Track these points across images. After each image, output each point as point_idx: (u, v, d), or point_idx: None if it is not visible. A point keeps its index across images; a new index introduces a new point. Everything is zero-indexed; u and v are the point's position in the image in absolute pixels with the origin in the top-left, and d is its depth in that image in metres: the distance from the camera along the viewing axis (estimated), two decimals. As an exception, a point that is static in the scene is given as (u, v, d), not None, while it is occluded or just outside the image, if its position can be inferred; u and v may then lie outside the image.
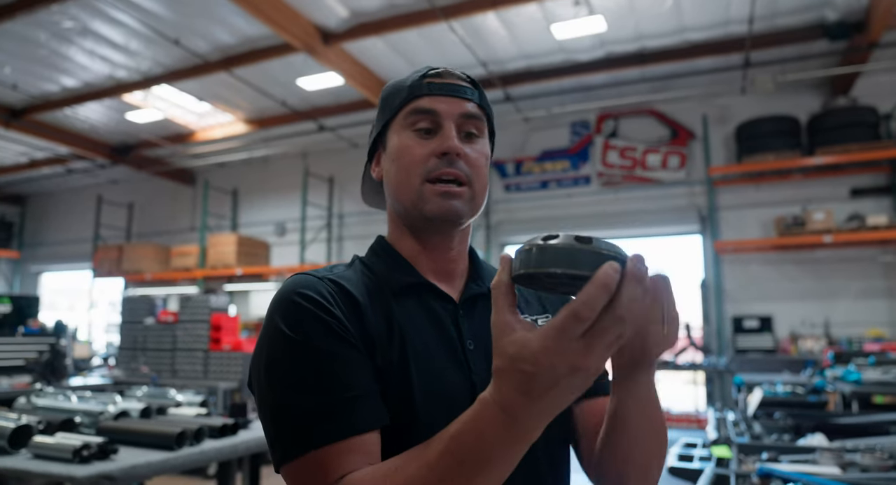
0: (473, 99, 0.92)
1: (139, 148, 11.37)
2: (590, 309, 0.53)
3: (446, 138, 0.88)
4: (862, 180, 8.05)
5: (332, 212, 11.09)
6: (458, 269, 0.97)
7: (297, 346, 0.77)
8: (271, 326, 0.80)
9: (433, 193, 0.87)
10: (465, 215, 0.90)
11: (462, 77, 0.94)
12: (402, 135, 0.91)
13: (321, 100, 9.34)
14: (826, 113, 7.87)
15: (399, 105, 0.92)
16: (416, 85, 0.91)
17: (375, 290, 0.88)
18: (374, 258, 0.96)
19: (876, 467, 1.99)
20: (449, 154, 0.87)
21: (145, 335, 6.02)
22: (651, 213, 9.01)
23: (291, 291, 0.82)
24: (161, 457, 2.02)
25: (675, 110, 9.03)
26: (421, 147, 0.89)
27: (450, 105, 0.90)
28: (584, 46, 7.77)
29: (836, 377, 4.18)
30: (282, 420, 0.75)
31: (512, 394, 0.59)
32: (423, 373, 0.82)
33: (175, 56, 7.94)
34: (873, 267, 7.86)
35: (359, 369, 0.77)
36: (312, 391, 0.74)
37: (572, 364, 0.55)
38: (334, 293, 0.83)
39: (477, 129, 0.92)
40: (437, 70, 0.92)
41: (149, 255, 11.41)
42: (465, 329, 0.89)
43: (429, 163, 0.88)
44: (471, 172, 0.89)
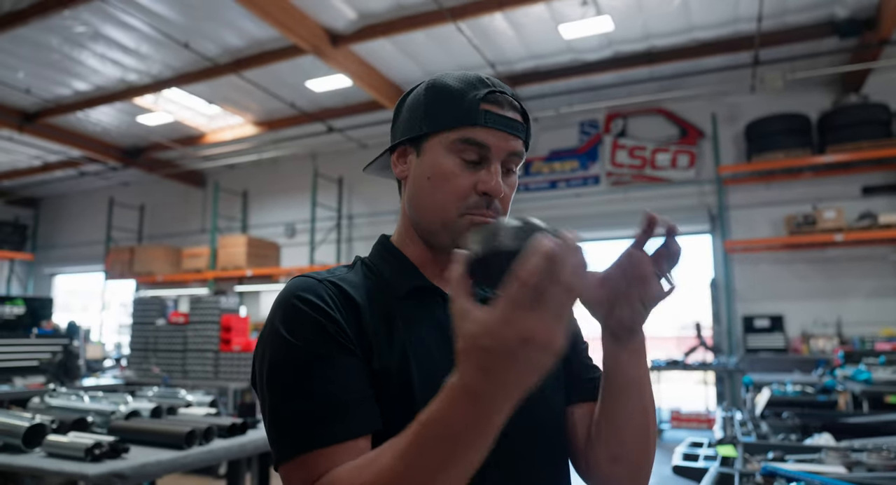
0: (521, 136, 0.91)
1: (150, 150, 11.48)
2: (531, 274, 0.56)
3: (491, 180, 0.87)
4: (874, 178, 7.98)
5: (342, 213, 11.13)
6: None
7: (295, 350, 0.78)
8: (272, 328, 0.82)
9: (469, 224, 0.87)
10: None
11: (517, 107, 0.91)
12: (446, 157, 0.88)
13: (330, 101, 9.39)
14: (837, 111, 7.81)
15: (451, 124, 0.88)
16: (474, 110, 0.87)
17: (377, 293, 0.89)
18: (379, 260, 0.96)
19: (882, 467, 1.98)
20: (492, 195, 0.87)
21: (156, 336, 6.07)
22: (660, 212, 8.57)
23: (291, 295, 0.83)
24: (171, 456, 2.05)
25: (683, 109, 8.99)
26: (464, 178, 0.87)
27: (502, 141, 0.88)
28: (591, 46, 7.76)
29: (846, 377, 4.16)
30: (279, 422, 0.78)
31: (472, 372, 0.60)
32: (425, 376, 0.83)
33: (185, 59, 8.01)
34: (885, 266, 7.79)
35: (354, 374, 0.79)
36: (308, 395, 0.76)
37: (523, 333, 0.57)
38: (334, 296, 0.84)
39: (516, 165, 0.93)
40: (496, 94, 0.88)
41: (160, 256, 11.51)
42: None
43: (469, 199, 0.87)
44: (501, 209, 0.90)
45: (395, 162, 0.97)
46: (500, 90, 0.89)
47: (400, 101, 0.99)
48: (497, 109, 0.88)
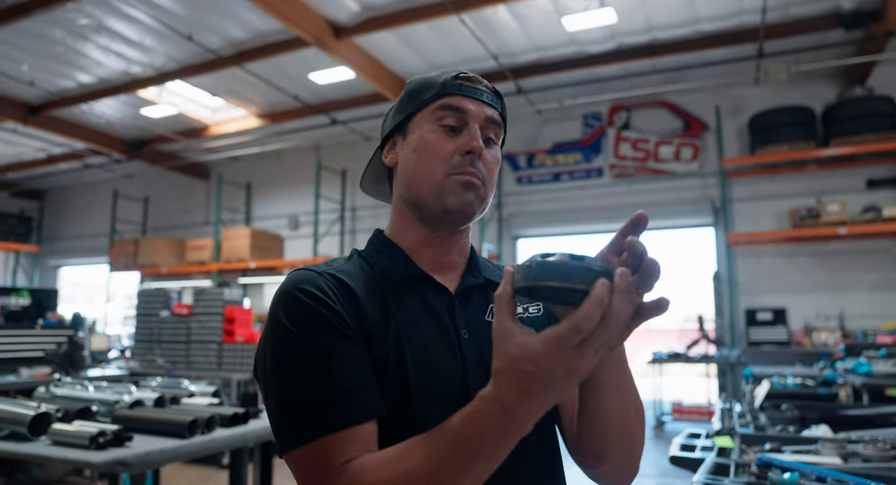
0: (496, 107, 0.97)
1: (154, 143, 11.51)
2: (589, 323, 0.60)
3: (472, 138, 0.92)
4: (878, 171, 7.95)
5: (345, 205, 11.15)
6: (457, 262, 1.00)
7: (299, 340, 0.81)
8: (275, 320, 0.84)
9: (456, 183, 0.91)
10: (477, 212, 0.95)
11: (489, 86, 0.98)
12: (427, 128, 0.94)
13: (333, 94, 9.39)
14: (841, 103, 7.78)
15: (429, 99, 0.95)
16: (449, 83, 0.95)
17: (373, 282, 0.91)
18: (373, 251, 0.99)
19: (878, 458, 1.99)
20: (473, 153, 0.92)
21: (160, 328, 6.11)
22: (664, 205, 8.96)
23: (293, 287, 0.85)
24: (174, 444, 2.07)
25: (687, 101, 8.97)
26: (447, 142, 0.92)
27: (477, 107, 0.94)
28: (595, 38, 7.74)
29: (846, 370, 4.17)
30: (284, 411, 0.80)
31: (511, 392, 0.65)
32: (418, 363, 0.85)
33: (188, 51, 8.02)
34: (889, 259, 7.78)
35: (356, 361, 0.81)
36: (312, 384, 0.79)
37: (568, 367, 0.62)
38: (334, 288, 0.86)
39: (495, 135, 0.97)
40: (468, 74, 0.96)
41: (164, 248, 11.56)
42: (460, 319, 0.93)
43: (453, 159, 0.92)
44: (486, 174, 0.94)
45: (385, 154, 1.02)
46: (469, 72, 0.97)
47: (387, 113, 1.07)
48: (469, 83, 0.96)
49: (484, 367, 0.85)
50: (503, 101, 1.00)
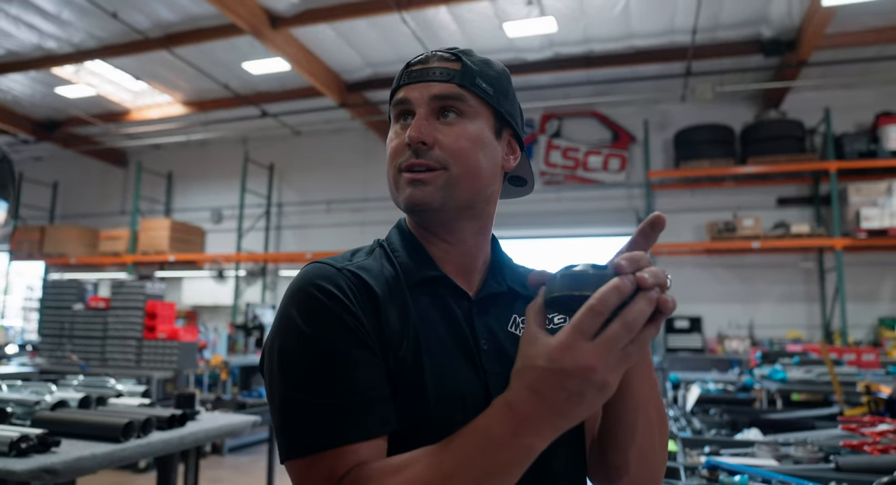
0: (451, 79, 0.86)
1: (67, 125, 10.79)
2: (602, 304, 0.57)
3: (410, 128, 0.85)
4: (788, 190, 8.50)
5: (272, 200, 10.85)
6: (476, 263, 0.93)
7: (312, 342, 0.76)
8: (287, 316, 0.79)
9: (405, 181, 0.85)
10: (439, 202, 0.85)
11: (447, 57, 0.88)
12: (392, 128, 0.90)
13: (265, 85, 9.11)
14: (758, 124, 8.25)
15: (391, 98, 0.92)
16: (399, 76, 0.90)
17: (395, 282, 0.85)
18: (398, 247, 0.91)
19: (807, 459, 2.13)
20: (411, 144, 0.84)
21: (73, 322, 5.72)
22: (591, 213, 9.22)
23: (309, 283, 0.79)
24: (107, 449, 1.90)
25: (617, 114, 9.26)
26: (398, 138, 0.87)
27: (421, 91, 0.86)
28: (533, 46, 7.87)
29: (763, 376, 4.41)
30: (291, 415, 0.74)
31: (520, 390, 0.62)
32: (436, 373, 0.80)
33: (112, 30, 7.57)
34: (795, 273, 8.32)
35: (372, 371, 0.76)
36: (324, 391, 0.74)
37: (581, 362, 0.58)
38: (353, 287, 0.80)
39: (458, 109, 0.86)
40: (422, 57, 0.90)
41: (74, 238, 10.85)
42: (479, 328, 0.87)
43: (403, 154, 0.85)
44: (446, 157, 0.84)
45: None
46: (432, 52, 0.90)
47: None
48: (420, 66, 0.89)
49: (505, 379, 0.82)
50: (471, 69, 0.87)
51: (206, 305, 10.91)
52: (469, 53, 0.91)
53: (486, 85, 0.88)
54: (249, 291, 10.71)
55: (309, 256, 9.57)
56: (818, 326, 8.10)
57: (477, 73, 0.88)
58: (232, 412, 3.71)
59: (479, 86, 0.87)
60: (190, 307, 10.89)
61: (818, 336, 7.96)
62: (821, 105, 8.00)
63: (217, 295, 10.78)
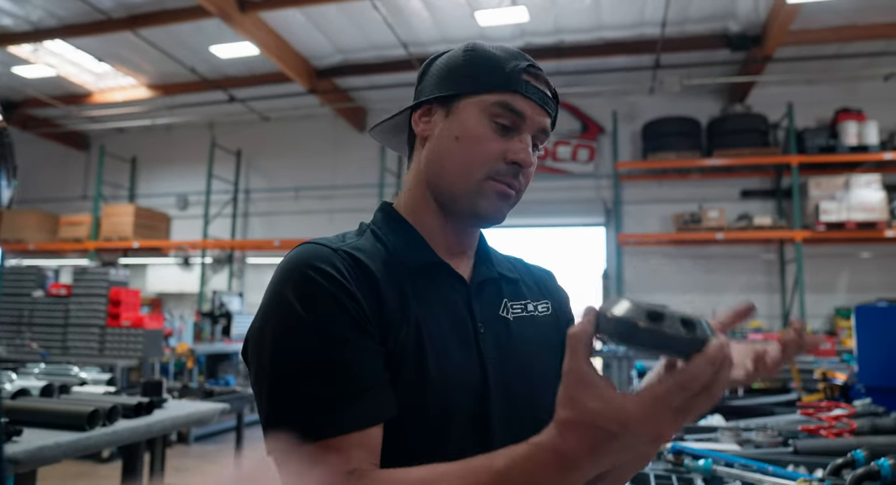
0: (552, 115, 0.91)
1: (25, 106, 10.44)
2: (698, 382, 0.53)
3: (523, 150, 0.86)
4: (751, 183, 8.68)
5: (239, 187, 10.69)
6: (469, 249, 0.96)
7: (308, 327, 0.74)
8: (281, 298, 0.77)
9: (493, 189, 0.87)
10: (505, 218, 0.92)
11: (551, 87, 0.91)
12: (479, 119, 0.86)
13: (233, 69, 8.95)
14: (724, 118, 8.40)
15: (491, 88, 0.87)
16: (515, 78, 0.86)
17: (390, 265, 0.85)
18: (387, 230, 0.91)
19: (767, 444, 2.22)
20: (523, 165, 0.87)
21: (32, 309, 5.58)
22: (559, 203, 9.29)
23: (305, 263, 0.78)
24: (71, 438, 1.86)
25: (586, 104, 9.33)
26: (495, 143, 0.86)
27: (536, 114, 0.88)
28: (504, 35, 7.87)
29: (725, 364, 4.52)
30: (282, 403, 0.73)
31: (580, 448, 0.58)
32: (437, 358, 0.80)
33: (72, 9, 7.34)
34: (757, 264, 8.53)
35: (370, 358, 0.75)
36: (319, 379, 0.72)
37: (658, 433, 0.56)
38: (351, 269, 0.80)
39: (542, 143, 0.92)
40: (536, 69, 0.89)
41: (32, 223, 10.55)
42: (477, 312, 0.88)
43: (497, 164, 0.86)
44: (525, 183, 0.90)
45: (416, 120, 0.93)
46: (537, 68, 0.90)
47: (428, 62, 0.97)
48: (535, 82, 0.88)
49: (501, 362, 0.81)
50: (558, 99, 0.92)
51: (171, 292, 10.73)
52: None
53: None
54: (216, 278, 10.56)
55: (277, 244, 9.47)
56: (779, 316, 8.33)
57: (558, 110, 0.93)
58: (199, 400, 3.67)
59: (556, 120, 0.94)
60: (155, 295, 10.70)
61: (779, 326, 8.18)
62: (784, 100, 8.16)
63: (183, 282, 10.60)
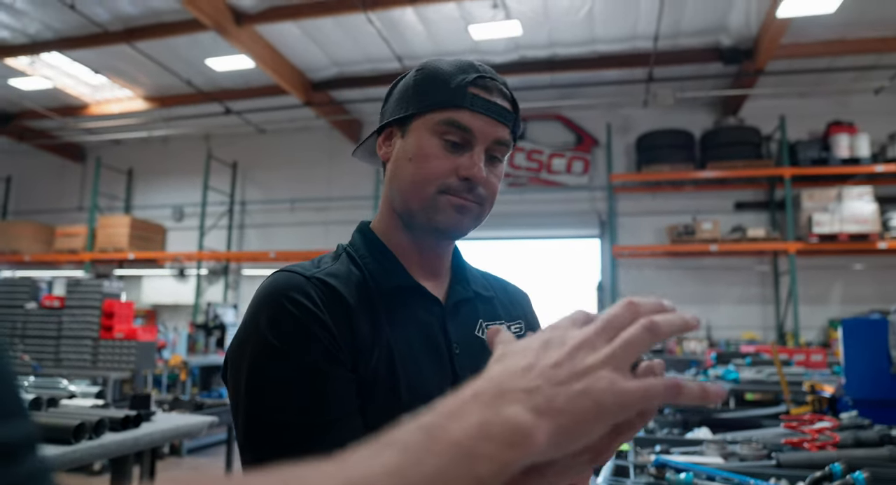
0: (509, 124, 0.89)
1: (21, 117, 10.47)
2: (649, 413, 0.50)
3: (473, 165, 0.85)
4: (745, 195, 8.73)
5: (235, 198, 10.71)
6: (444, 267, 0.96)
7: (281, 357, 0.75)
8: (255, 326, 0.78)
9: (448, 204, 0.86)
10: (469, 230, 0.90)
11: (506, 94, 0.89)
12: (428, 139, 0.86)
13: (229, 82, 9.00)
14: (717, 130, 8.46)
15: (436, 106, 0.86)
16: (461, 93, 0.85)
17: (364, 290, 0.85)
18: (364, 253, 0.91)
19: (752, 457, 2.21)
20: (473, 180, 0.85)
21: (25, 321, 5.57)
22: (554, 215, 9.33)
23: (280, 293, 0.78)
24: (58, 451, 1.86)
25: (581, 117, 9.39)
26: (446, 161, 0.85)
27: (487, 127, 0.86)
28: (498, 49, 7.94)
29: (717, 376, 4.53)
30: (254, 430, 0.74)
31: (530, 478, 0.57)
32: (409, 382, 0.80)
33: (69, 22, 7.39)
34: (751, 275, 8.55)
35: (340, 388, 0.76)
36: (290, 407, 0.73)
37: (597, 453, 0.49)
38: (324, 297, 0.80)
39: (501, 154, 0.89)
40: (485, 80, 0.87)
41: (28, 234, 10.54)
42: (453, 333, 0.89)
43: (449, 179, 0.85)
44: (486, 195, 0.88)
45: (380, 144, 0.94)
46: (490, 76, 0.88)
47: (392, 85, 0.97)
48: (485, 94, 0.87)
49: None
50: (518, 112, 0.91)
51: (166, 303, 10.72)
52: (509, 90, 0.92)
53: (519, 128, 0.93)
54: (211, 290, 10.55)
55: (273, 256, 9.48)
56: (772, 328, 8.34)
57: (519, 118, 0.92)
58: (189, 413, 3.66)
59: (519, 129, 0.93)
60: (150, 306, 10.69)
61: (772, 337, 8.20)
62: (776, 113, 8.24)
63: (178, 294, 10.60)
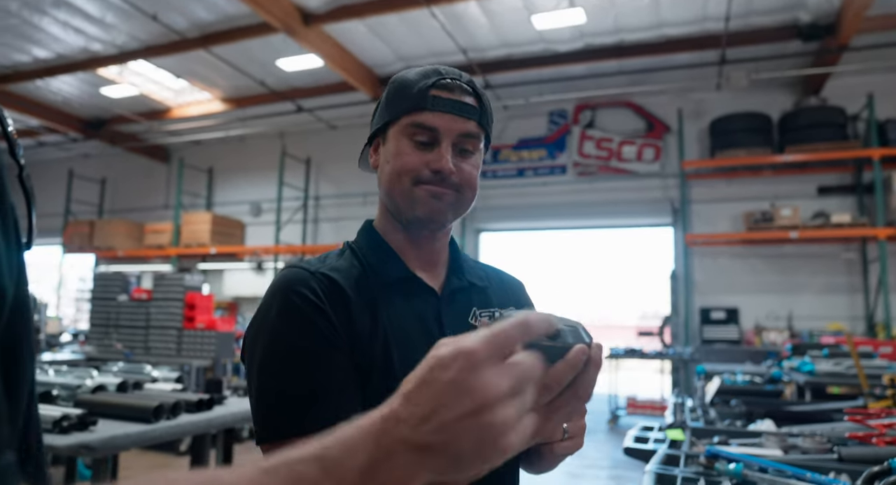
0: (474, 117, 0.94)
1: (113, 123, 11.21)
2: (558, 383, 0.57)
3: (440, 158, 0.91)
4: (829, 179, 8.28)
5: (309, 193, 11.07)
6: (440, 259, 1.03)
7: (287, 343, 0.84)
8: (266, 315, 0.87)
9: (424, 193, 0.92)
10: (450, 218, 0.97)
11: (469, 91, 0.95)
12: (400, 141, 0.94)
13: (300, 81, 9.30)
14: (797, 112, 8.06)
15: (402, 112, 0.94)
16: (422, 96, 0.92)
17: (364, 282, 0.93)
18: (366, 247, 1.00)
19: (814, 450, 2.12)
20: (442, 172, 0.92)
21: (118, 312, 6.00)
22: (624, 204, 9.16)
23: (287, 288, 0.87)
24: (139, 429, 2.07)
25: (651, 103, 9.16)
26: (416, 157, 0.92)
27: (450, 123, 0.92)
28: (563, 37, 7.84)
29: (792, 368, 4.36)
30: (260, 406, 0.84)
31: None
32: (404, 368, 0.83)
33: (152, 31, 7.84)
34: (836, 264, 8.12)
35: (339, 370, 0.84)
36: (293, 386, 0.82)
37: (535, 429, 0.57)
38: (326, 290, 0.88)
39: (473, 146, 0.95)
40: (446, 82, 0.93)
41: (121, 231, 11.29)
42: (447, 322, 0.95)
43: (421, 172, 0.92)
44: (460, 183, 0.94)
45: (371, 154, 1.03)
46: (451, 77, 0.95)
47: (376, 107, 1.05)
48: (446, 94, 0.93)
49: None
50: (485, 105, 0.96)
51: (246, 296, 11.22)
52: (477, 85, 0.97)
53: (491, 119, 0.99)
54: (288, 282, 10.94)
55: (344, 249, 9.73)
56: (861, 318, 7.91)
57: (488, 110, 0.97)
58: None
59: (489, 124, 0.98)
60: (231, 299, 11.22)
61: (861, 328, 7.77)
62: (863, 90, 7.76)
63: (257, 287, 11.07)
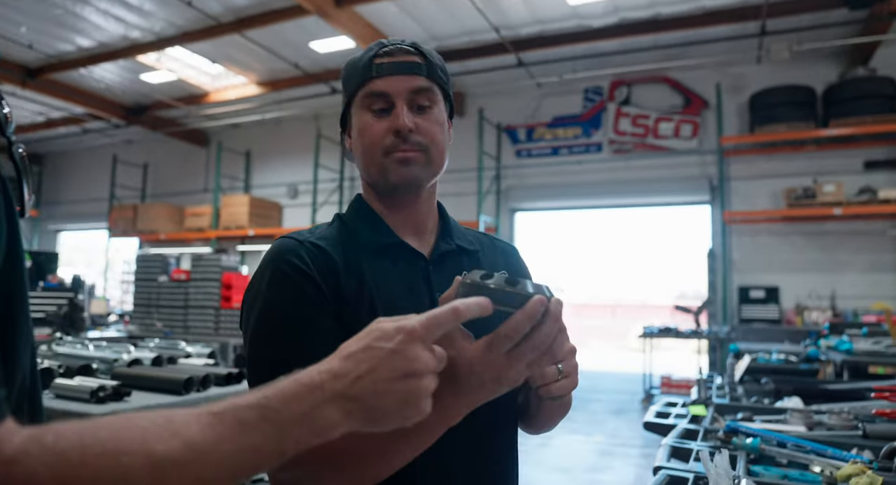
0: (422, 73, 0.98)
1: (153, 109, 11.47)
2: (515, 332, 0.67)
3: (396, 118, 0.95)
4: (876, 153, 7.96)
5: (344, 175, 11.17)
6: (428, 225, 1.06)
7: (277, 309, 0.89)
8: (259, 283, 0.92)
9: (393, 161, 0.96)
10: (424, 180, 0.99)
11: (411, 51, 0.99)
12: (361, 115, 0.98)
13: (333, 62, 9.34)
14: (843, 84, 7.76)
15: (355, 88, 0.99)
16: (367, 67, 0.97)
17: (351, 248, 0.98)
18: (354, 216, 1.04)
19: (840, 427, 2.08)
20: (401, 131, 0.95)
21: (159, 293, 6.20)
22: (661, 181, 8.99)
23: (278, 257, 0.92)
24: (170, 401, 2.17)
25: (688, 78, 8.94)
26: (378, 125, 0.96)
27: (399, 83, 0.96)
28: (597, 12, 7.69)
29: (829, 347, 4.26)
30: (255, 368, 0.89)
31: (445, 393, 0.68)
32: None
33: (188, 17, 7.97)
34: (883, 241, 7.84)
35: (326, 335, 0.87)
36: (282, 350, 0.86)
37: (497, 374, 0.69)
38: (314, 258, 0.93)
39: (429, 100, 0.99)
40: (386, 48, 0.98)
41: (163, 215, 11.62)
42: (436, 283, 0.99)
43: (386, 140, 0.96)
44: (426, 141, 0.97)
45: (346, 140, 1.07)
46: (391, 44, 0.99)
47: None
48: (388, 59, 0.98)
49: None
50: (432, 61, 1.00)
51: (284, 277, 11.43)
52: (421, 45, 1.01)
53: (443, 74, 1.02)
54: (324, 263, 11.12)
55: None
56: (908, 297, 7.65)
57: (436, 65, 1.01)
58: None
59: (441, 77, 1.01)
60: (270, 279, 11.44)
61: (908, 307, 7.52)
62: (914, 60, 7.43)
63: (294, 268, 11.27)
